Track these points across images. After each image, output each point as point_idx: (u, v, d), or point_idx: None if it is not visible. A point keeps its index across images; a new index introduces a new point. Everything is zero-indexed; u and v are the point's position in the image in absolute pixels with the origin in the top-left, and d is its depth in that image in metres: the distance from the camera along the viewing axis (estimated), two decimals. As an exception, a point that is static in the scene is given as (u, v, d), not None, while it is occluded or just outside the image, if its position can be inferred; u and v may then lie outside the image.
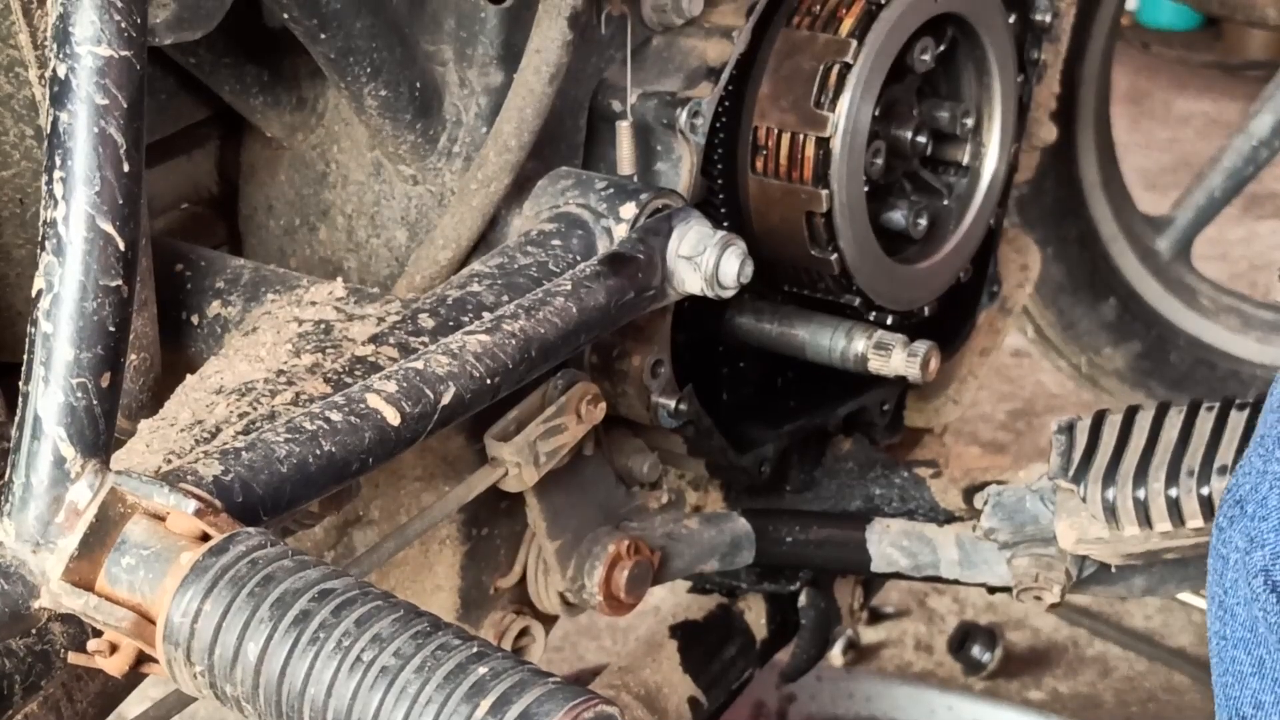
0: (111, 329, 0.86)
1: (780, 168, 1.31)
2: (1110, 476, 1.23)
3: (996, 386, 2.64)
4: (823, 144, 1.29)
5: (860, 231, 1.34)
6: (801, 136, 1.30)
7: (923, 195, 1.43)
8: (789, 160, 1.30)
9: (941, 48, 1.40)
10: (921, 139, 1.39)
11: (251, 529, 0.84)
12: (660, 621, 1.48)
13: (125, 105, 0.87)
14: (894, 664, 2.17)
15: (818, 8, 1.32)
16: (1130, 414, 1.26)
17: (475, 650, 0.78)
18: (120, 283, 0.86)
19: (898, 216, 1.39)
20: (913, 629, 2.22)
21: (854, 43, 1.30)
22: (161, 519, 0.85)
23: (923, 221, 1.41)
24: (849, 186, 1.31)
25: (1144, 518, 1.22)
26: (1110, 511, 1.23)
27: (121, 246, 0.86)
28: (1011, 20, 1.44)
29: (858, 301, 1.37)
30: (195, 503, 0.84)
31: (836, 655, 2.13)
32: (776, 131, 1.30)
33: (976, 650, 2.12)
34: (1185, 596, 2.20)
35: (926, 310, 1.45)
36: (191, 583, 0.82)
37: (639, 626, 2.08)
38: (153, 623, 0.83)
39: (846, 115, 1.30)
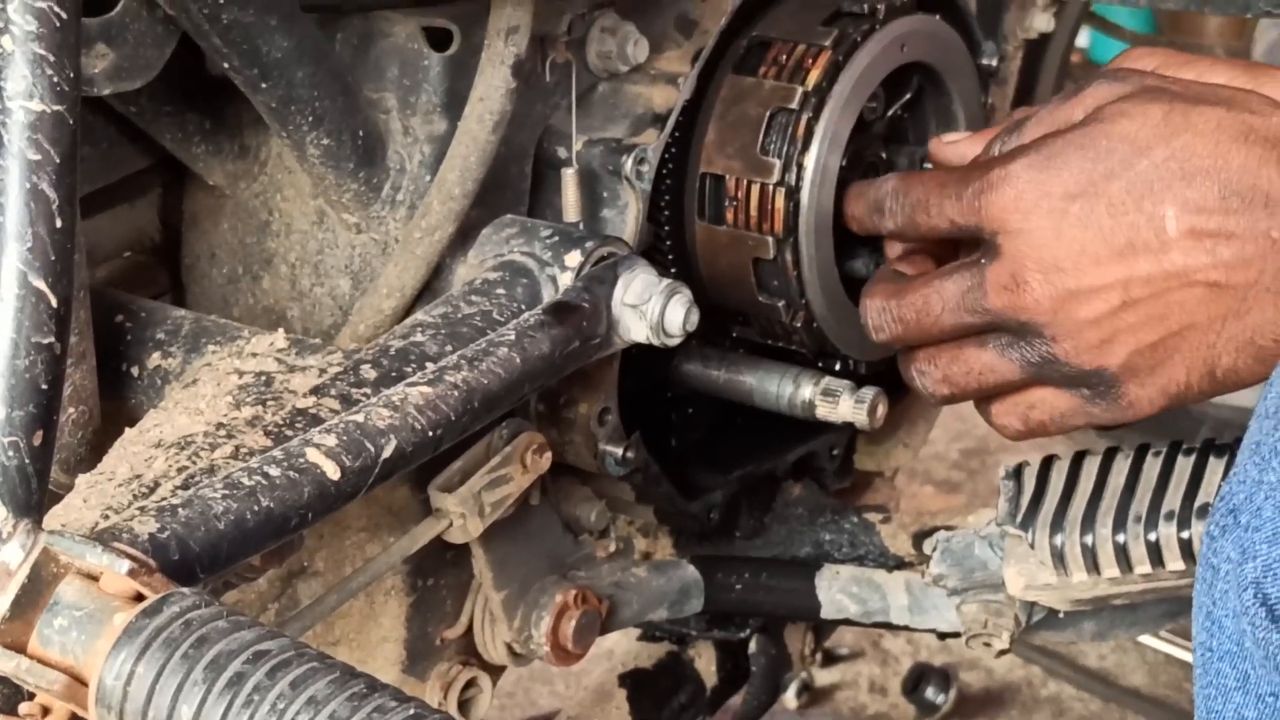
0: (44, 386, 0.85)
1: (751, 219, 1.30)
2: (1058, 523, 1.23)
3: (950, 425, 2.65)
4: (792, 195, 1.29)
5: (829, 283, 1.33)
6: (771, 188, 1.29)
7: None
8: (759, 212, 1.30)
9: (908, 95, 1.40)
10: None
11: (186, 589, 0.83)
12: (610, 670, 1.48)
13: (58, 160, 0.86)
14: (848, 706, 2.17)
15: (783, 58, 1.31)
16: (1078, 459, 1.26)
17: (412, 712, 0.77)
18: (53, 340, 0.85)
19: (859, 265, 1.38)
20: (867, 671, 2.21)
21: (815, 94, 1.29)
22: (95, 579, 0.84)
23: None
24: (818, 238, 1.31)
25: (1092, 564, 1.21)
26: (1058, 558, 1.22)
27: (54, 303, 0.85)
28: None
29: (817, 351, 1.37)
30: (129, 563, 0.83)
31: (790, 698, 2.13)
32: (746, 183, 1.30)
33: (930, 692, 2.12)
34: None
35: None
36: (124, 644, 0.80)
37: (592, 671, 2.07)
38: (86, 685, 0.82)
39: (814, 166, 1.29)
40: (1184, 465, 1.22)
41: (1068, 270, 1.15)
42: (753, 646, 1.50)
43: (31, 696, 0.84)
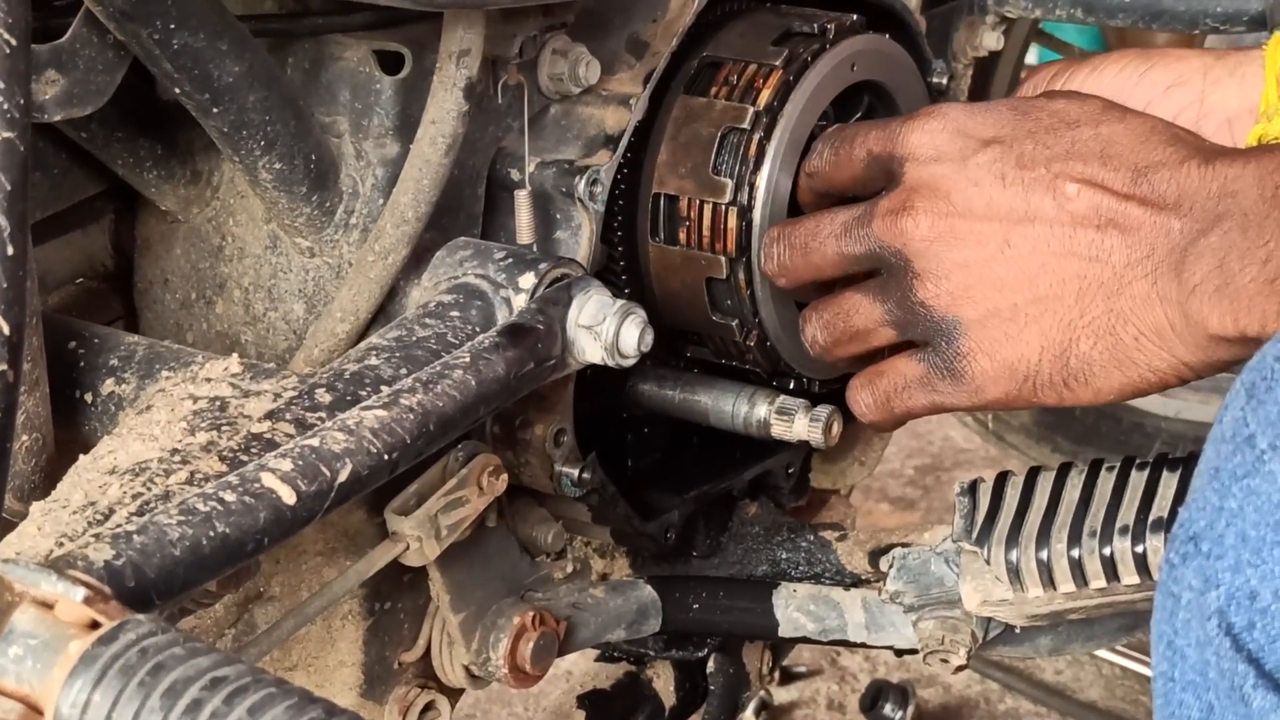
0: (-3, 415, 0.85)
1: (704, 239, 1.30)
2: (1013, 538, 1.23)
3: (904, 442, 2.65)
4: (745, 214, 1.29)
5: (782, 302, 1.33)
6: (723, 207, 1.29)
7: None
8: (711, 232, 1.30)
9: (859, 114, 1.40)
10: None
11: (142, 616, 0.82)
12: (568, 691, 1.47)
13: (9, 187, 0.85)
14: (807, 724, 2.17)
15: (734, 78, 1.32)
16: (1032, 475, 1.27)
17: (371, 736, 0.77)
18: (5, 367, 0.85)
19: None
20: (825, 688, 2.22)
21: (767, 114, 1.29)
22: (50, 607, 0.84)
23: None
24: None
25: (1047, 579, 1.22)
26: (1014, 573, 1.23)
27: (6, 331, 0.85)
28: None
29: (771, 370, 1.37)
30: (84, 590, 0.83)
31: (749, 717, 2.12)
32: (698, 203, 1.30)
33: (889, 709, 2.12)
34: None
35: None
36: (80, 673, 0.80)
37: (551, 693, 2.07)
38: (42, 714, 0.81)
39: (766, 185, 1.30)
40: (1138, 480, 1.22)
41: (956, 205, 1.17)
42: (711, 666, 1.50)
43: (-13, 726, 0.83)
